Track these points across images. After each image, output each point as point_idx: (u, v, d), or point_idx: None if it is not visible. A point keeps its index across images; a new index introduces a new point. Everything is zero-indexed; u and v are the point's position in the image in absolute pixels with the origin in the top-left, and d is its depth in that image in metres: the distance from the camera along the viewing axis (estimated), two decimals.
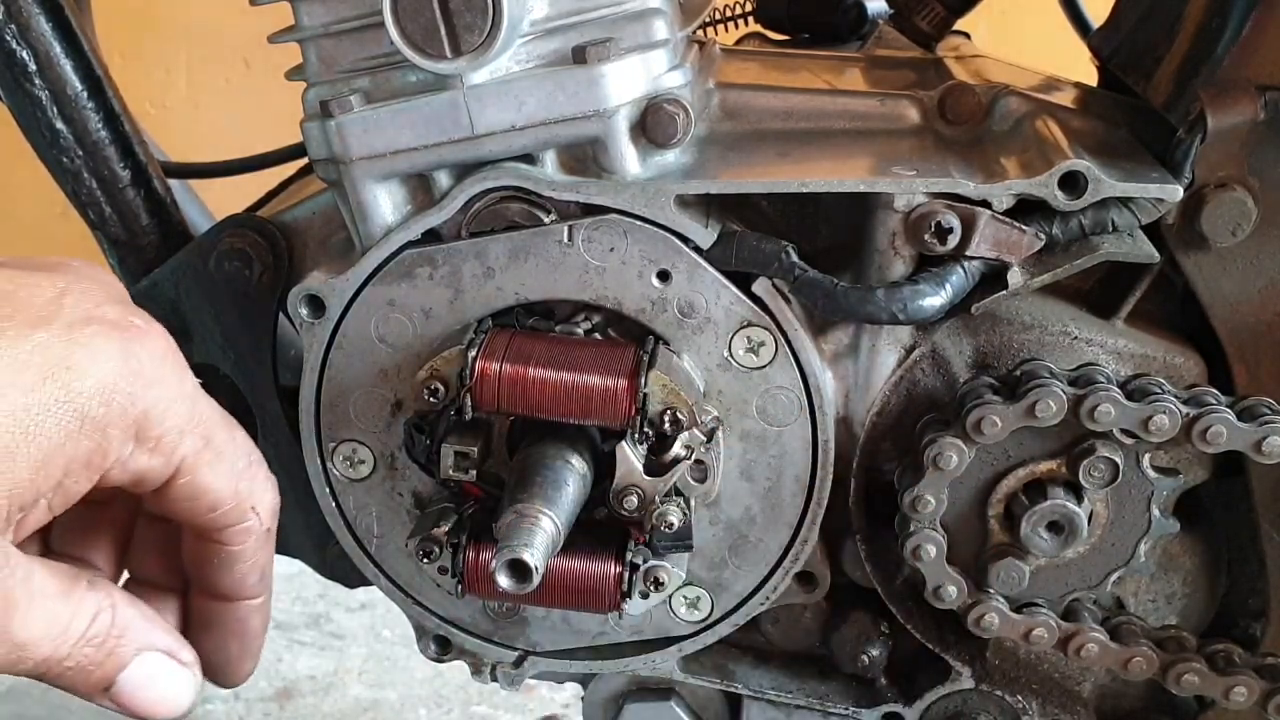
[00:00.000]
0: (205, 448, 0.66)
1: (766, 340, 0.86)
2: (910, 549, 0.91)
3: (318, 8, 0.83)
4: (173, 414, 0.64)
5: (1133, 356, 0.91)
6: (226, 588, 0.72)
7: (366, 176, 0.84)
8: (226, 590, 0.72)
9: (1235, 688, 0.92)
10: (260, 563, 0.72)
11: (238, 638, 0.73)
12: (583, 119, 0.82)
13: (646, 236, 0.84)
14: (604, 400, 0.82)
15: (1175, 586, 0.98)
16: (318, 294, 0.88)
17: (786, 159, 0.88)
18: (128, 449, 0.62)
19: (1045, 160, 0.84)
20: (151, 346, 0.64)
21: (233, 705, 1.90)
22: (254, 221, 0.95)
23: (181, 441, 0.65)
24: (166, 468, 0.65)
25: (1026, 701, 1.00)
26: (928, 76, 1.02)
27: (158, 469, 0.64)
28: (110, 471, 0.63)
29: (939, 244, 0.84)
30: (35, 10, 0.91)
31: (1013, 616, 0.92)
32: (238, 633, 0.73)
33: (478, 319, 0.87)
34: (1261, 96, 0.85)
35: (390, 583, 0.97)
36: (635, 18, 0.83)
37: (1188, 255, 0.88)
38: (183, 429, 0.65)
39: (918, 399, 0.92)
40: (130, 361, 0.62)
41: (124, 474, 0.63)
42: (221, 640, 0.73)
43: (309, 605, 2.10)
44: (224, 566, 0.70)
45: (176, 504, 0.67)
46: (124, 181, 0.96)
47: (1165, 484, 0.91)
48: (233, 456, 0.68)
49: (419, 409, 0.87)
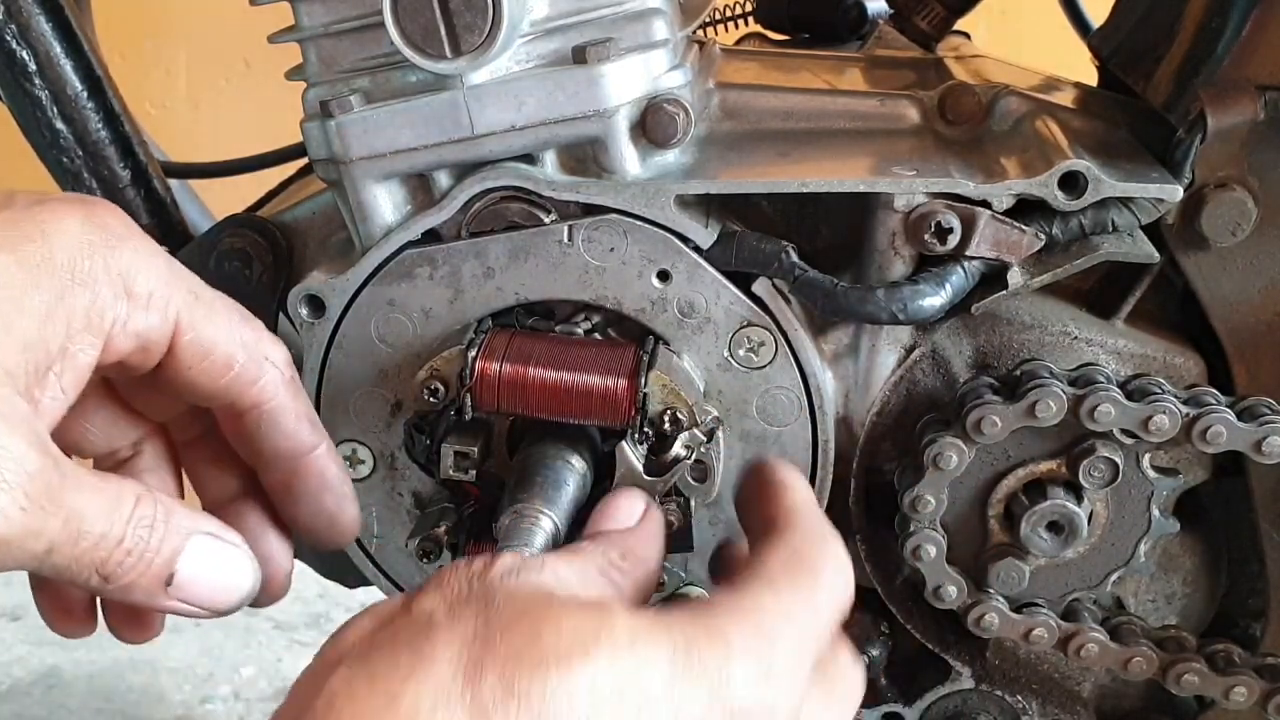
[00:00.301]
0: (196, 301, 0.66)
1: (766, 340, 0.86)
2: (910, 549, 0.91)
3: (318, 8, 0.83)
4: (153, 269, 0.64)
5: (1133, 356, 0.91)
6: (287, 449, 0.71)
7: (366, 176, 0.84)
8: (289, 451, 0.71)
9: (1235, 688, 0.92)
10: (303, 411, 0.71)
11: (326, 489, 0.73)
12: (583, 119, 0.82)
13: (646, 236, 0.84)
14: (604, 400, 0.82)
15: (1175, 586, 0.98)
16: (318, 294, 0.88)
17: (786, 159, 0.88)
18: (122, 307, 0.62)
19: (1045, 160, 0.84)
20: (112, 210, 0.65)
21: (233, 705, 1.90)
22: (254, 221, 0.95)
23: (171, 295, 0.64)
24: (165, 324, 0.64)
25: (1026, 701, 1.00)
26: (928, 76, 1.02)
27: (156, 326, 0.64)
28: (114, 339, 0.62)
29: (939, 244, 0.84)
30: (35, 10, 0.91)
31: (1013, 616, 0.92)
32: (324, 486, 0.72)
33: (478, 319, 0.87)
34: (1261, 96, 0.85)
35: (390, 583, 0.97)
36: (635, 18, 0.83)
37: (1188, 255, 0.88)
38: (168, 282, 0.64)
39: (918, 399, 0.92)
40: (96, 222, 0.63)
41: (128, 339, 0.63)
42: (314, 500, 0.72)
43: (309, 605, 2.10)
44: (273, 429, 0.70)
45: (193, 372, 0.66)
46: (124, 181, 0.96)
47: (1165, 484, 0.91)
48: (226, 311, 0.68)
49: (419, 409, 0.87)
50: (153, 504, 0.62)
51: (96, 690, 1.96)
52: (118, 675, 1.98)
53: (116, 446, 0.73)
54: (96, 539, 0.59)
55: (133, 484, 0.63)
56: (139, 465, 0.73)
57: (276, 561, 0.73)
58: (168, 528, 0.62)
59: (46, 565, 0.59)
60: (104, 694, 1.95)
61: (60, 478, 0.58)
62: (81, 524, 0.59)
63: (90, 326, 0.61)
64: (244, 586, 0.66)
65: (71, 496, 0.58)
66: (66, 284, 0.60)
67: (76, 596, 0.69)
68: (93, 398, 0.70)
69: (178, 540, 0.63)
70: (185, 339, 0.65)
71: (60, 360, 0.60)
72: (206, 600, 0.64)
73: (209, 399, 0.69)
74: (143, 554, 0.61)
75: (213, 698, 1.92)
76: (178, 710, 1.91)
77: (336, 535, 0.74)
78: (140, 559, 0.61)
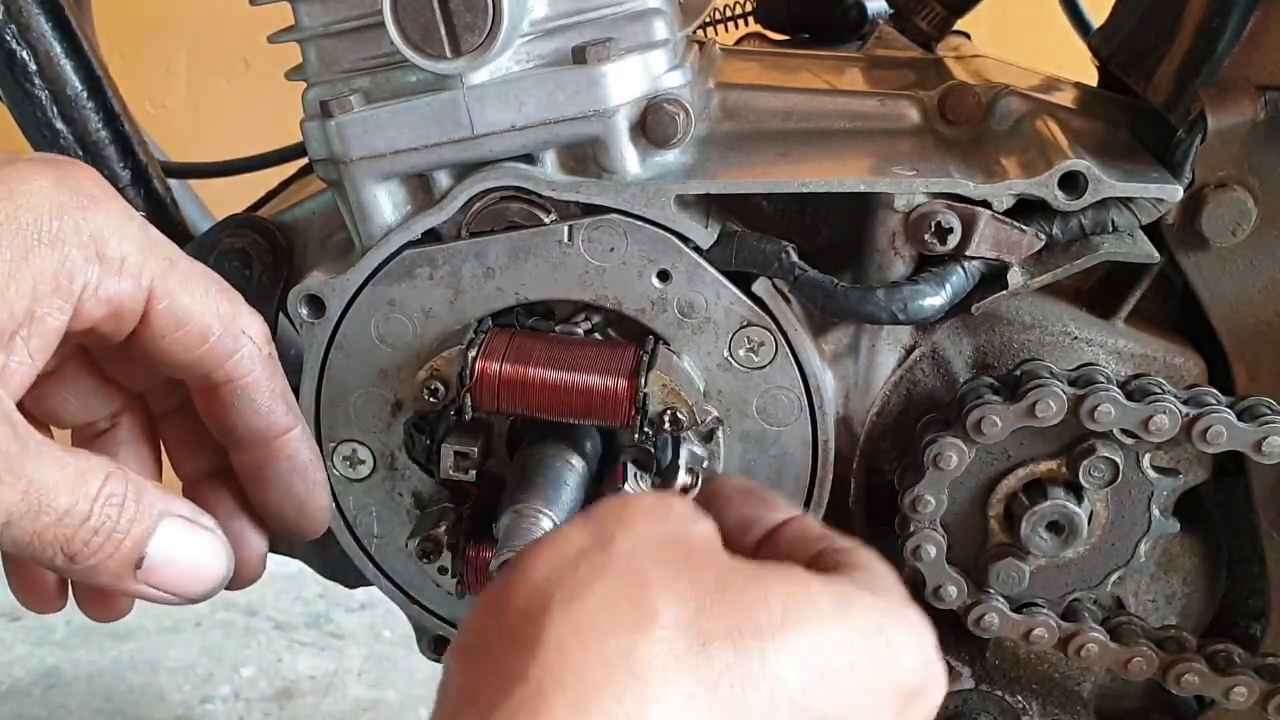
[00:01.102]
0: (171, 269, 0.64)
1: (766, 340, 0.86)
2: (910, 549, 0.91)
3: (318, 8, 0.83)
4: (127, 234, 0.62)
5: (1133, 356, 0.91)
6: (260, 429, 0.69)
7: (366, 176, 0.84)
8: (261, 431, 0.69)
9: (1235, 688, 0.92)
10: (278, 390, 0.69)
11: (297, 474, 0.71)
12: (583, 119, 0.82)
13: (646, 236, 0.84)
14: (604, 400, 0.82)
15: (1175, 586, 0.98)
16: (318, 294, 0.88)
17: (786, 159, 0.88)
18: (93, 271, 0.60)
19: (1045, 160, 0.84)
20: (87, 172, 0.63)
21: (233, 705, 1.90)
22: (254, 221, 0.95)
23: (145, 261, 0.63)
24: (138, 290, 0.62)
25: (1026, 701, 1.00)
26: (928, 76, 1.02)
27: (129, 292, 0.62)
28: (84, 303, 0.61)
29: (939, 244, 0.84)
30: (35, 10, 0.91)
31: (1013, 616, 0.92)
32: (293, 470, 0.71)
33: (478, 319, 0.87)
34: (1261, 96, 0.85)
35: (390, 583, 0.97)
36: (635, 18, 0.83)
37: (1188, 255, 0.88)
38: (143, 248, 0.63)
39: (918, 399, 0.92)
40: (69, 183, 0.61)
41: (99, 304, 0.61)
42: (284, 484, 0.71)
43: (309, 605, 2.10)
44: (246, 406, 0.68)
45: (166, 341, 0.65)
46: (124, 181, 0.96)
47: (1165, 484, 0.91)
48: (203, 280, 0.66)
49: (419, 409, 0.87)
50: (123, 481, 0.60)
51: (96, 690, 1.96)
52: (118, 675, 1.98)
53: (94, 418, 0.71)
54: (60, 514, 0.57)
55: (103, 460, 0.60)
56: (116, 438, 0.72)
57: (250, 545, 0.71)
58: (139, 508, 0.60)
59: (5, 539, 0.57)
60: (104, 694, 1.95)
61: (20, 446, 0.56)
62: (43, 497, 0.56)
63: (59, 289, 0.59)
64: (217, 572, 0.64)
65: (33, 468, 0.56)
66: (32, 244, 0.58)
67: (44, 573, 0.67)
68: (69, 366, 0.68)
69: (149, 521, 0.60)
70: (159, 307, 0.63)
71: (27, 324, 0.58)
72: (177, 586, 0.62)
73: (183, 370, 0.67)
74: (111, 534, 0.59)
75: (213, 698, 1.92)
76: (178, 710, 1.91)
77: (305, 523, 0.72)
78: (108, 539, 0.59)
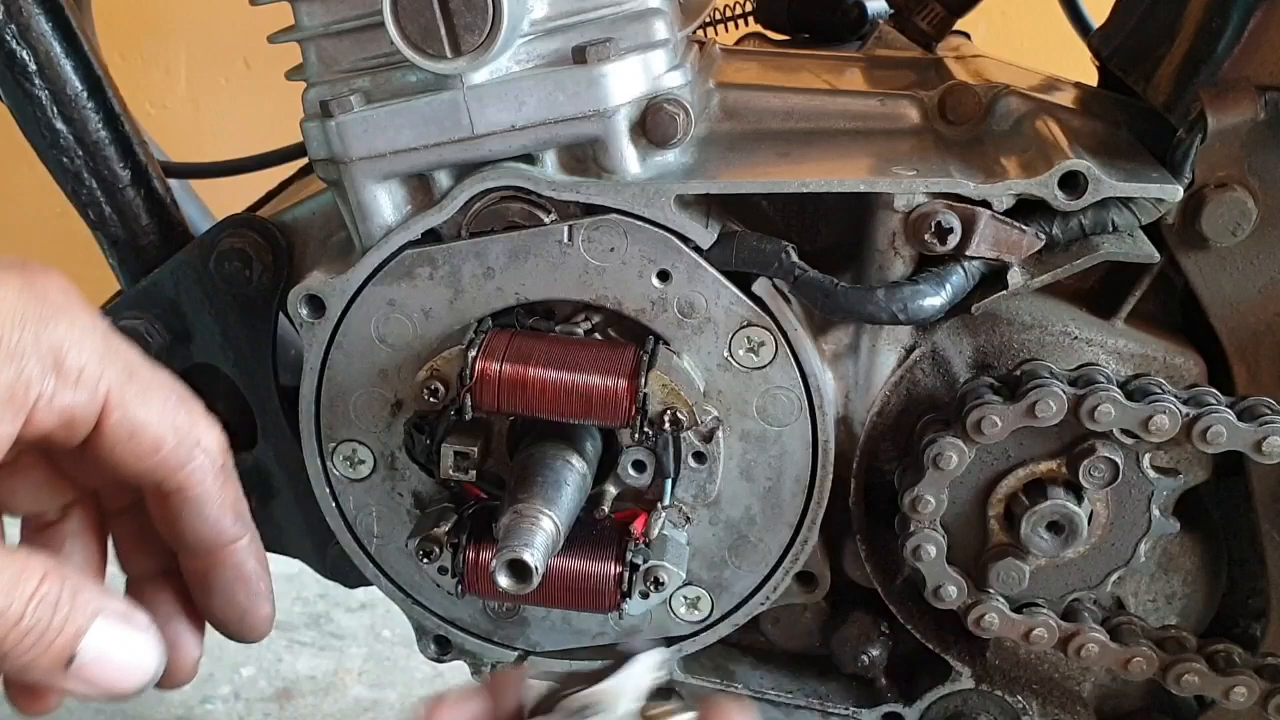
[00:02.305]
0: (130, 380, 0.65)
1: (766, 340, 0.86)
2: (910, 549, 0.91)
3: (318, 8, 0.83)
4: (88, 344, 0.63)
5: (1133, 356, 0.91)
6: (207, 538, 0.70)
7: (366, 176, 0.84)
8: (208, 540, 0.70)
9: (1235, 688, 0.92)
10: (229, 501, 0.70)
11: (241, 584, 0.72)
12: (583, 119, 0.82)
13: (646, 236, 0.84)
14: (604, 400, 0.82)
15: (1175, 586, 0.98)
16: (318, 294, 0.88)
17: (786, 159, 0.88)
18: (49, 383, 0.61)
19: (1045, 160, 0.84)
20: (55, 281, 0.63)
21: (233, 705, 1.90)
22: (254, 221, 0.95)
23: (104, 372, 0.63)
24: (93, 402, 0.63)
25: (1026, 701, 1.00)
26: (928, 76, 1.02)
27: (84, 403, 0.63)
28: (37, 413, 0.61)
29: (939, 244, 0.84)
30: (35, 10, 0.91)
31: (1013, 616, 0.92)
32: (237, 579, 0.72)
33: (478, 319, 0.87)
34: (1261, 96, 0.85)
35: (390, 583, 0.97)
36: (635, 18, 0.83)
37: (1188, 255, 0.88)
38: (102, 358, 0.63)
39: (918, 399, 0.92)
40: (34, 291, 0.61)
41: (52, 414, 0.62)
42: (227, 593, 0.72)
43: (309, 605, 2.09)
44: (195, 516, 0.69)
45: (118, 450, 0.65)
46: (124, 181, 0.96)
47: (1165, 484, 0.91)
48: (161, 391, 0.67)
49: (419, 409, 0.87)
50: (59, 582, 0.60)
51: None
52: None
53: (44, 509, 0.72)
54: None
55: (40, 559, 0.61)
56: (64, 530, 0.72)
57: (185, 649, 0.72)
58: (72, 607, 0.60)
59: None
60: None
61: None
62: None
63: (13, 400, 0.60)
64: (147, 671, 0.64)
65: None
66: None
67: None
68: (24, 460, 0.69)
69: (82, 620, 0.61)
70: (114, 417, 0.64)
71: None
72: (106, 684, 0.63)
73: (134, 477, 0.68)
74: (42, 634, 0.59)
75: (213, 698, 1.91)
76: (178, 710, 1.90)
77: (246, 631, 0.73)
78: (40, 639, 0.59)
